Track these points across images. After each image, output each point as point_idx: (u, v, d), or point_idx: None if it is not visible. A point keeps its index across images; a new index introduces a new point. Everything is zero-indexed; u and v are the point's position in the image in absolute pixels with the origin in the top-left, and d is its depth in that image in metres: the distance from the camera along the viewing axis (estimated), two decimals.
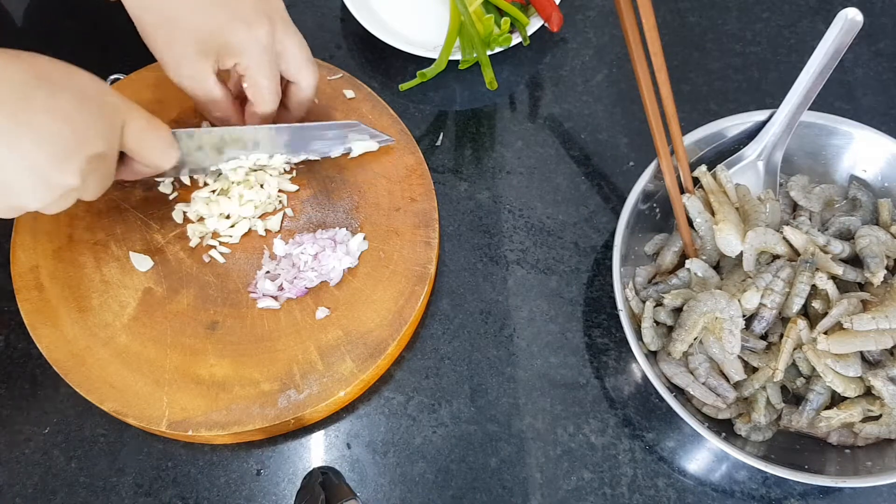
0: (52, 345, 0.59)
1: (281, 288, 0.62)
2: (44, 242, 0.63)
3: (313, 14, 0.78)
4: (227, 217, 0.64)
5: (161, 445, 0.59)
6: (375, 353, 0.60)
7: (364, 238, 0.64)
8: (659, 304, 0.60)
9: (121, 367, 0.58)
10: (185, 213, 0.64)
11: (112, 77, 0.70)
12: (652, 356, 0.59)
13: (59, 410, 0.60)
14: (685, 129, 0.63)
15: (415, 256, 0.63)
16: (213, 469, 0.59)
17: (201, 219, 0.64)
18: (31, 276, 0.61)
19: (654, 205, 0.64)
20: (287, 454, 0.60)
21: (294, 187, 0.66)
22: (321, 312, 0.61)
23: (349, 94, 0.70)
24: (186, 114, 0.69)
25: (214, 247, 0.63)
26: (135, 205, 0.65)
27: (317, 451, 0.60)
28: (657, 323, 0.60)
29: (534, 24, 0.74)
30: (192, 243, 0.63)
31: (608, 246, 0.68)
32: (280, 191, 0.66)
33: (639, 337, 0.59)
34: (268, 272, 0.63)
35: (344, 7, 0.75)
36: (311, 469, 0.52)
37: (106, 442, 0.59)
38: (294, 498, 0.53)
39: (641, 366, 0.56)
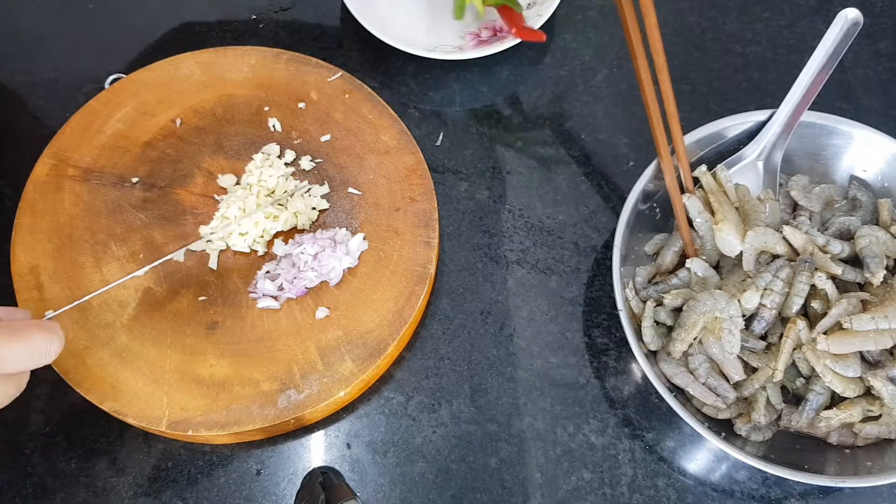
0: None
1: (281, 288, 0.62)
2: (44, 242, 0.63)
3: (313, 14, 0.78)
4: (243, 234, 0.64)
5: (161, 445, 0.59)
6: (375, 353, 0.60)
7: (364, 238, 0.64)
8: (659, 303, 0.60)
9: (121, 367, 0.59)
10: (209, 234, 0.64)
11: (112, 77, 0.70)
12: (652, 356, 0.59)
13: (59, 410, 0.60)
14: (685, 129, 0.63)
15: (415, 256, 0.63)
16: (213, 469, 0.59)
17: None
18: (31, 277, 0.61)
19: (654, 205, 0.64)
20: (287, 454, 0.60)
21: (325, 204, 0.66)
22: (321, 312, 0.61)
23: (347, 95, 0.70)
24: (187, 114, 0.69)
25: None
26: (135, 205, 0.65)
27: (317, 451, 0.60)
28: (657, 323, 0.60)
29: (534, 24, 0.74)
30: (212, 263, 0.63)
31: (608, 246, 0.68)
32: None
33: (639, 337, 0.59)
34: (268, 272, 0.63)
35: (344, 7, 0.75)
36: (311, 469, 0.52)
37: (106, 442, 0.59)
38: (294, 498, 0.53)
39: (641, 366, 0.56)
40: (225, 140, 0.68)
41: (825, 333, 0.55)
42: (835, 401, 0.58)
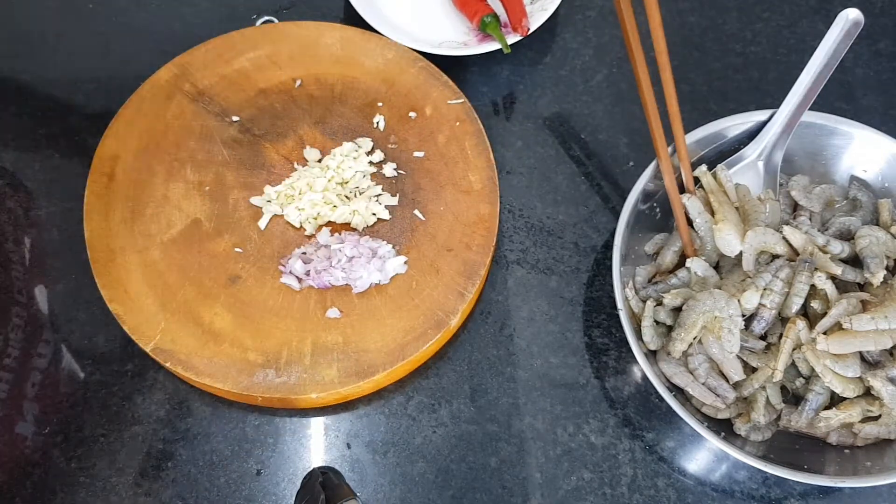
0: (96, 231, 0.62)
1: (308, 273, 0.62)
2: (133, 138, 0.66)
3: (314, 13, 0.78)
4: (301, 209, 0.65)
5: (161, 446, 0.59)
6: (362, 373, 0.59)
7: (405, 262, 0.63)
8: (659, 303, 0.60)
9: (141, 278, 0.61)
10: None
11: (264, 18, 0.75)
12: (652, 356, 0.59)
13: (58, 410, 0.60)
14: (685, 130, 0.63)
15: (444, 301, 0.62)
16: (213, 469, 0.59)
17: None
18: (109, 164, 0.65)
19: (654, 205, 0.64)
20: (287, 454, 0.60)
21: (387, 215, 0.66)
22: (332, 312, 0.61)
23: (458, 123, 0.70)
24: (309, 79, 0.71)
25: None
26: (225, 140, 0.67)
27: (317, 451, 0.60)
28: (657, 322, 0.60)
29: (538, 19, 0.73)
30: (262, 222, 0.65)
31: (608, 246, 0.68)
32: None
33: (639, 336, 0.59)
34: (304, 253, 0.63)
35: (346, 6, 0.75)
36: (311, 469, 0.52)
37: (106, 442, 0.60)
38: (294, 498, 0.53)
39: (641, 365, 0.56)
40: (329, 117, 0.69)
41: (825, 333, 0.55)
42: (834, 401, 0.58)
